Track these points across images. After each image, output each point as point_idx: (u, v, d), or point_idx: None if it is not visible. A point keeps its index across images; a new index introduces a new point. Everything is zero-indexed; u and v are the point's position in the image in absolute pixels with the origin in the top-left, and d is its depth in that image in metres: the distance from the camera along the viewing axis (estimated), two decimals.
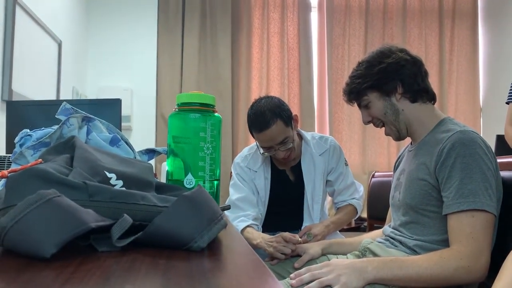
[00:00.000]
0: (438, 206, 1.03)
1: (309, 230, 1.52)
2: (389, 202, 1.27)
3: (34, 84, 2.49)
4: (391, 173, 1.37)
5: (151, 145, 3.37)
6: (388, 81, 1.13)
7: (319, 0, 3.82)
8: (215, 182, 0.77)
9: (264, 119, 1.47)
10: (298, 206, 1.66)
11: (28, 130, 0.73)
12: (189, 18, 3.56)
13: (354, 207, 1.69)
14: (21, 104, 1.80)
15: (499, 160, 1.06)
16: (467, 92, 3.91)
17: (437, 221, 1.05)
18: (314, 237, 1.49)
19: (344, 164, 1.69)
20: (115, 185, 0.54)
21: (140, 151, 0.86)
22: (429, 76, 1.18)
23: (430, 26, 3.90)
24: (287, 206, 1.67)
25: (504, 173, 1.05)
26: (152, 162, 2.21)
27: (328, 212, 1.84)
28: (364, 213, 2.28)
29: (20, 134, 0.73)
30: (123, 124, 3.10)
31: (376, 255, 1.13)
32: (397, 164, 1.31)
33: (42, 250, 0.37)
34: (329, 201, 2.26)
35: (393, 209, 1.23)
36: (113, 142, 0.77)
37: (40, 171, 0.44)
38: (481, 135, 1.03)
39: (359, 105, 1.21)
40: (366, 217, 2.16)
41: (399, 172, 1.22)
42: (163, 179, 1.12)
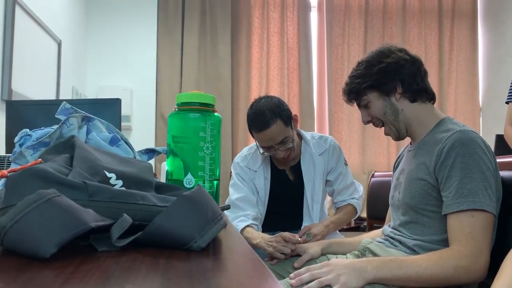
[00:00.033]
0: (438, 206, 1.03)
1: (309, 230, 1.52)
2: (389, 202, 1.27)
3: (34, 84, 2.49)
4: (391, 173, 1.37)
5: (151, 145, 3.37)
6: (388, 81, 1.13)
7: (319, 0, 3.82)
8: (215, 182, 0.77)
9: (264, 119, 1.47)
10: (298, 206, 1.66)
11: (28, 130, 0.73)
12: (189, 18, 3.56)
13: (354, 207, 1.69)
14: (21, 104, 1.79)
15: (499, 160, 1.06)
16: (467, 92, 3.91)
17: (437, 221, 1.05)
18: (314, 237, 1.49)
19: (344, 164, 1.69)
20: (115, 185, 0.54)
21: (140, 151, 0.86)
22: (429, 76, 1.18)
23: (430, 26, 3.90)
24: (287, 206, 1.67)
25: (504, 173, 1.05)
26: (152, 162, 2.21)
27: (328, 212, 1.84)
28: (364, 213, 2.28)
29: (20, 134, 0.73)
30: (123, 124, 3.10)
31: (376, 255, 1.13)
32: (397, 164, 1.31)
33: (42, 250, 0.37)
34: (329, 201, 2.26)
35: (393, 209, 1.23)
36: (113, 142, 0.77)
37: (40, 171, 0.44)
38: (481, 135, 1.03)
39: (359, 105, 1.21)
40: (366, 217, 2.16)
41: (399, 172, 1.22)
42: (163, 179, 1.12)
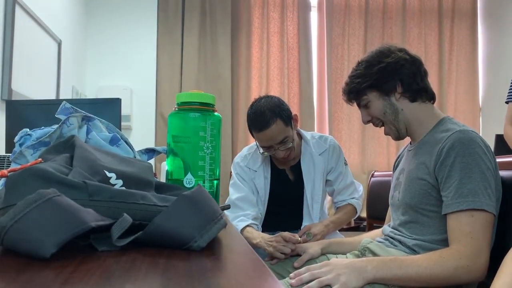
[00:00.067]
0: (438, 206, 1.03)
1: (309, 230, 1.52)
2: (389, 202, 1.27)
3: (34, 84, 2.49)
4: (391, 173, 1.37)
5: (151, 145, 3.37)
6: (388, 81, 1.13)
7: (319, 0, 3.82)
8: (215, 182, 0.77)
9: (264, 119, 1.47)
10: (298, 206, 1.66)
11: (28, 130, 0.73)
12: (189, 18, 3.56)
13: (354, 207, 1.69)
14: (21, 104, 1.79)
15: (499, 160, 1.06)
16: (467, 92, 3.91)
17: (437, 221, 1.05)
18: (314, 237, 1.49)
19: (344, 164, 1.69)
20: (115, 185, 0.53)
21: (140, 151, 0.86)
22: (429, 76, 1.18)
23: (430, 26, 3.90)
24: (287, 206, 1.67)
25: (504, 173, 1.05)
26: (152, 162, 2.21)
27: (328, 212, 1.84)
28: (364, 213, 2.28)
29: (20, 134, 0.73)
30: (123, 124, 3.10)
31: (376, 255, 1.13)
32: (397, 164, 1.31)
33: (42, 250, 0.37)
34: (329, 201, 2.26)
35: (393, 209, 1.23)
36: (113, 142, 0.77)
37: (40, 171, 0.44)
38: (481, 135, 1.03)
39: (359, 105, 1.21)
40: (366, 217, 2.16)
41: (399, 172, 1.22)
42: (163, 179, 1.12)
